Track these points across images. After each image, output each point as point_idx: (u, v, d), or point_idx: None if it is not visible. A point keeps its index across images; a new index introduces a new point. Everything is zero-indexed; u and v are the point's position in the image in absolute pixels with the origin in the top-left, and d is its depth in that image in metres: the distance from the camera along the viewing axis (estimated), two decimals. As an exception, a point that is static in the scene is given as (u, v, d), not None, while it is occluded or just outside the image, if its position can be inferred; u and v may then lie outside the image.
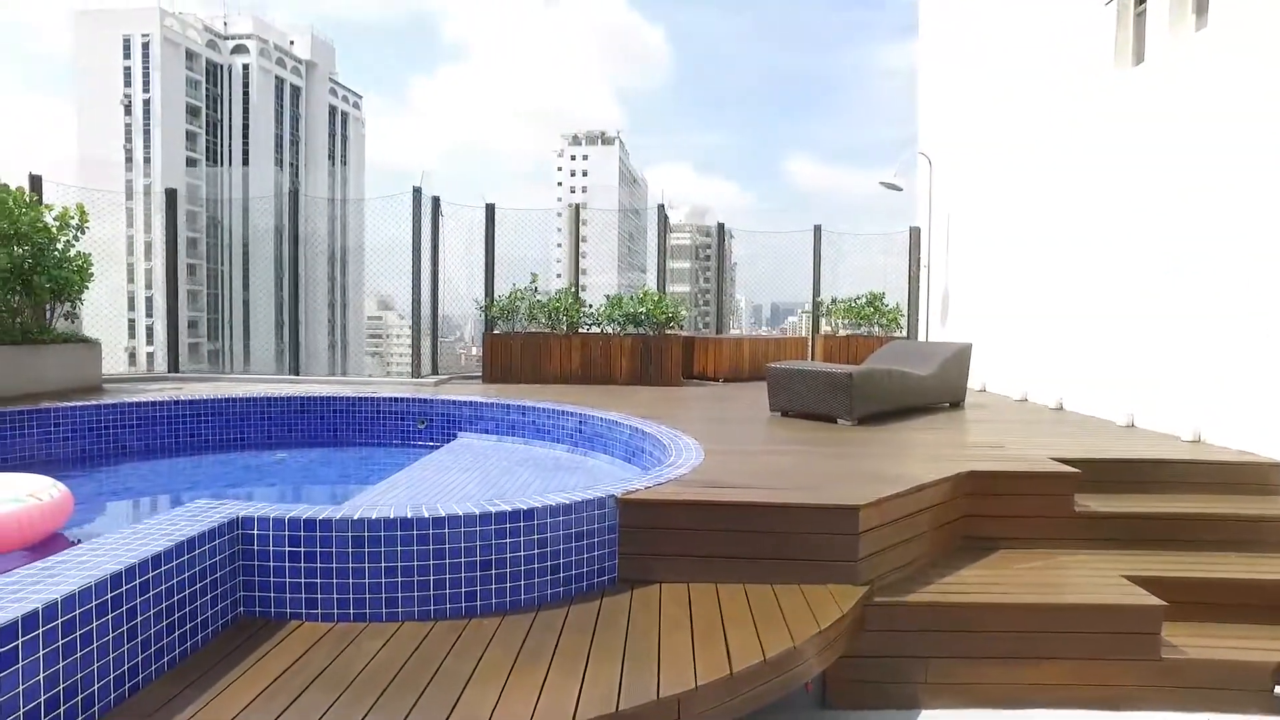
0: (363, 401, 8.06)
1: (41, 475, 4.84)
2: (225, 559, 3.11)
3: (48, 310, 8.48)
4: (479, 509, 3.35)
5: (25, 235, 7.80)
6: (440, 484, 5.61)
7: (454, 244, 11.47)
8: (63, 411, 6.82)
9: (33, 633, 2.21)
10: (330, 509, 3.29)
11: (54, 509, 4.59)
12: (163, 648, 2.74)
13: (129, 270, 55.38)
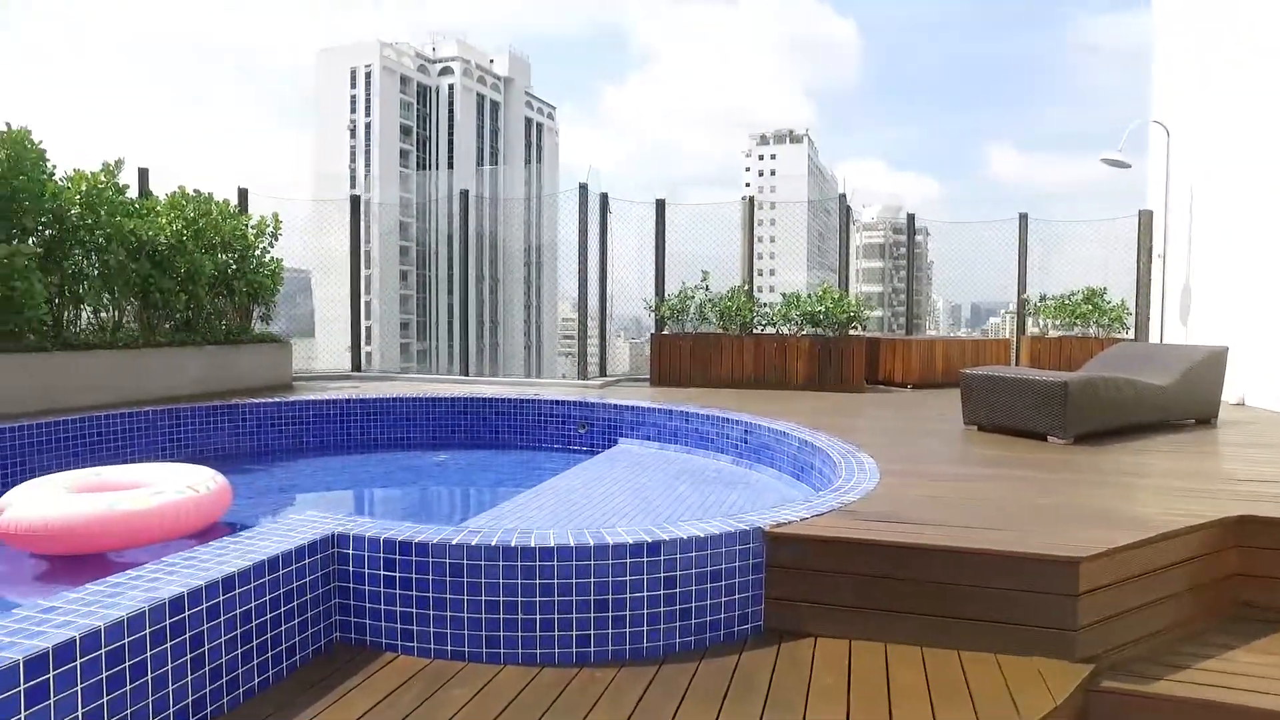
0: (525, 404, 7.91)
1: (203, 467, 4.97)
2: (319, 579, 2.82)
3: (251, 312, 9.09)
4: (595, 539, 2.85)
5: (228, 244, 8.38)
6: (589, 496, 5.22)
7: (626, 243, 11.23)
8: (248, 408, 7.18)
9: (68, 664, 1.97)
10: (430, 530, 2.93)
11: (212, 500, 4.67)
12: (237, 677, 2.47)
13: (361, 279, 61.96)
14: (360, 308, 11.05)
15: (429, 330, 70.79)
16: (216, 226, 8.22)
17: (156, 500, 4.38)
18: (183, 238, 7.78)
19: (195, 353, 8.03)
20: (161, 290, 7.66)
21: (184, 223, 7.87)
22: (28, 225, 6.42)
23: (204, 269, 7.86)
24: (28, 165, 6.37)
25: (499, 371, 10.46)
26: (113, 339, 7.27)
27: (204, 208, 8.11)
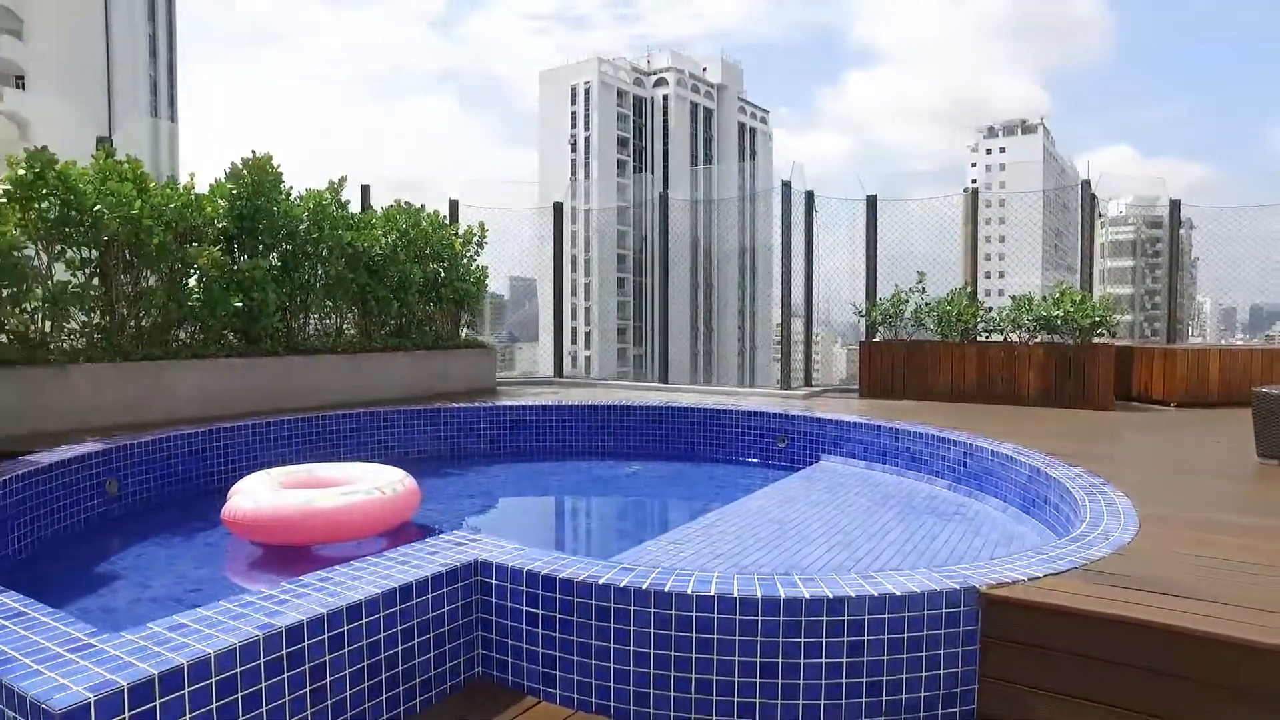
0: (721, 414, 7.52)
1: (395, 469, 5.07)
2: (459, 609, 2.60)
3: (459, 318, 9.50)
4: (765, 589, 2.38)
5: (437, 253, 8.78)
6: (778, 521, 4.72)
7: (836, 244, 10.52)
8: (449, 412, 7.39)
9: (175, 693, 1.84)
10: (576, 565, 2.60)
11: (399, 502, 4.73)
12: (364, 711, 2.29)
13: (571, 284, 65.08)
14: (564, 314, 11.25)
15: (645, 336, 72.70)
16: (426, 237, 8.63)
17: (346, 499, 4.49)
18: (396, 248, 8.23)
19: (406, 357, 8.47)
20: (376, 298, 8.15)
21: (397, 234, 8.34)
22: (267, 241, 7.04)
23: (414, 277, 8.27)
24: (268, 187, 6.98)
25: (714, 379, 10.27)
26: (334, 344, 7.82)
27: (414, 219, 8.55)
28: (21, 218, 5.69)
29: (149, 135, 34.23)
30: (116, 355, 6.11)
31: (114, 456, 5.13)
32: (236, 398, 6.82)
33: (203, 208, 6.59)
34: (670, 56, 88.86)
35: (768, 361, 43.83)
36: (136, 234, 6.06)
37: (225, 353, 6.84)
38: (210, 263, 6.42)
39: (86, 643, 1.97)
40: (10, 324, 5.76)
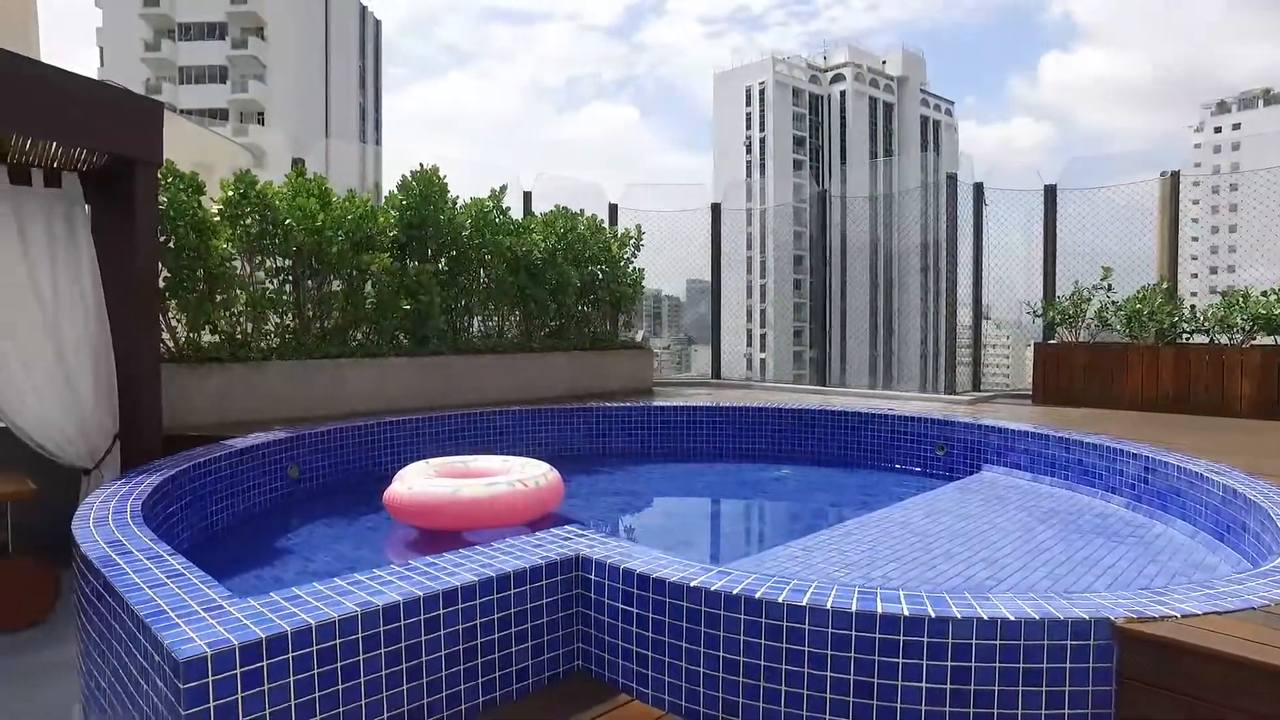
0: (877, 419, 7.19)
1: (540, 462, 5.29)
2: (559, 601, 2.65)
3: (617, 319, 9.72)
4: (857, 603, 2.24)
5: (595, 256, 9.03)
6: (920, 533, 4.44)
7: (1013, 239, 9.76)
8: (601, 411, 7.58)
9: (279, 656, 2.01)
10: (670, 565, 2.57)
11: (541, 494, 4.94)
12: (459, 692, 2.39)
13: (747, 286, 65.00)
14: (720, 316, 11.21)
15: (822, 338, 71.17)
16: (584, 241, 8.90)
17: (488, 490, 4.73)
18: (554, 252, 8.56)
19: (564, 357, 8.77)
20: (535, 300, 8.51)
21: (555, 238, 8.67)
22: (432, 247, 7.56)
23: (571, 280, 8.55)
24: (434, 197, 7.50)
25: (895, 383, 9.87)
26: (495, 344, 8.25)
27: (571, 224, 8.85)
28: (230, 233, 6.46)
29: (358, 158, 37.68)
30: (303, 353, 6.79)
31: (295, 444, 5.70)
32: (405, 394, 7.36)
33: (376, 218, 7.18)
34: (847, 52, 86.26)
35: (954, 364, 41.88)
36: (319, 244, 6.72)
37: (395, 352, 7.41)
38: (381, 269, 6.98)
39: (219, 604, 2.19)
40: (221, 326, 6.55)
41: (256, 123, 53.63)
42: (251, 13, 52.62)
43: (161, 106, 5.30)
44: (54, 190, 5.30)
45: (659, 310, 18.34)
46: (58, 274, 5.21)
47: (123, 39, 52.29)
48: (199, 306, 6.20)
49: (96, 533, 2.95)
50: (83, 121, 4.79)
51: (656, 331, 17.37)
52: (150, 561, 2.59)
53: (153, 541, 2.84)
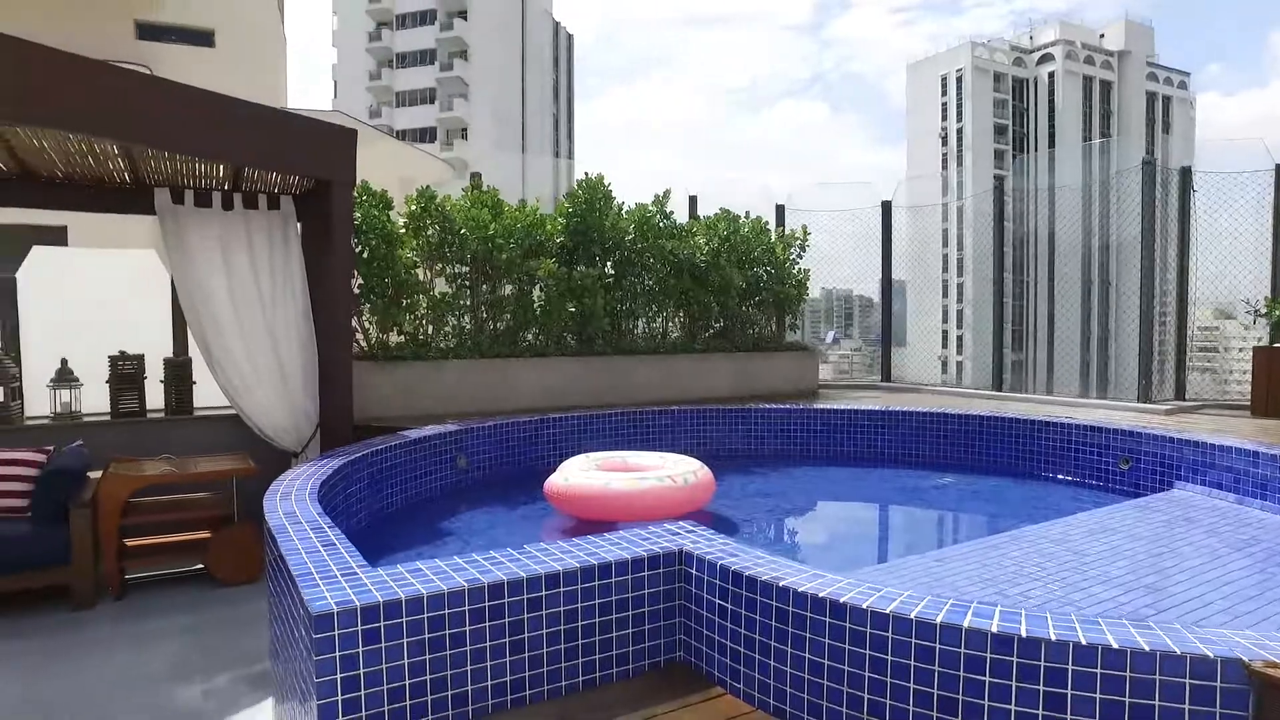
0: (1053, 428, 6.68)
1: (692, 459, 5.44)
2: (661, 593, 2.76)
3: (782, 321, 9.66)
4: (944, 615, 2.16)
5: (758, 258, 9.04)
6: (1078, 552, 4.10)
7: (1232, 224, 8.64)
8: (759, 412, 7.59)
9: (394, 619, 2.28)
10: (767, 565, 2.60)
11: (689, 491, 5.10)
12: (560, 670, 2.56)
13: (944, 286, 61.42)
14: (890, 317, 10.79)
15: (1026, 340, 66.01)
16: (747, 242, 8.94)
17: (638, 484, 4.94)
18: (717, 254, 8.66)
19: (726, 359, 8.85)
20: (698, 302, 8.65)
21: (719, 240, 8.77)
22: (595, 252, 7.92)
23: (733, 282, 8.61)
24: (598, 204, 7.86)
25: (1109, 390, 9.12)
26: (659, 345, 8.48)
27: (733, 226, 8.91)
28: (414, 242, 7.14)
29: (550, 171, 39.81)
30: (476, 353, 7.36)
31: (465, 437, 6.21)
32: (571, 392, 7.77)
33: (544, 226, 7.64)
34: (1057, 28, 79.12)
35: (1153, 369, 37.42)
36: (490, 251, 7.25)
37: (561, 352, 7.84)
38: (547, 273, 7.42)
39: (355, 571, 2.51)
40: (405, 327, 7.25)
41: (461, 138, 57.96)
42: (457, 37, 57.06)
43: (354, 134, 5.97)
44: (274, 211, 6.13)
45: (849, 310, 17.79)
46: (276, 283, 6.03)
47: (352, 71, 58.57)
48: (386, 310, 6.91)
49: (280, 506, 3.44)
50: (296, 153, 5.52)
51: (848, 333, 16.90)
52: (313, 533, 2.99)
53: (318, 515, 3.27)
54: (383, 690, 2.26)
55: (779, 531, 5.57)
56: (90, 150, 5.22)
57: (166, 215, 5.79)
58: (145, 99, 4.88)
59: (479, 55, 57.35)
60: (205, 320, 5.81)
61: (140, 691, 3.63)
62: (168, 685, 3.66)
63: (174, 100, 5.07)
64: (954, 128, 79.28)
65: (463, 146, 57.32)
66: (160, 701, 3.51)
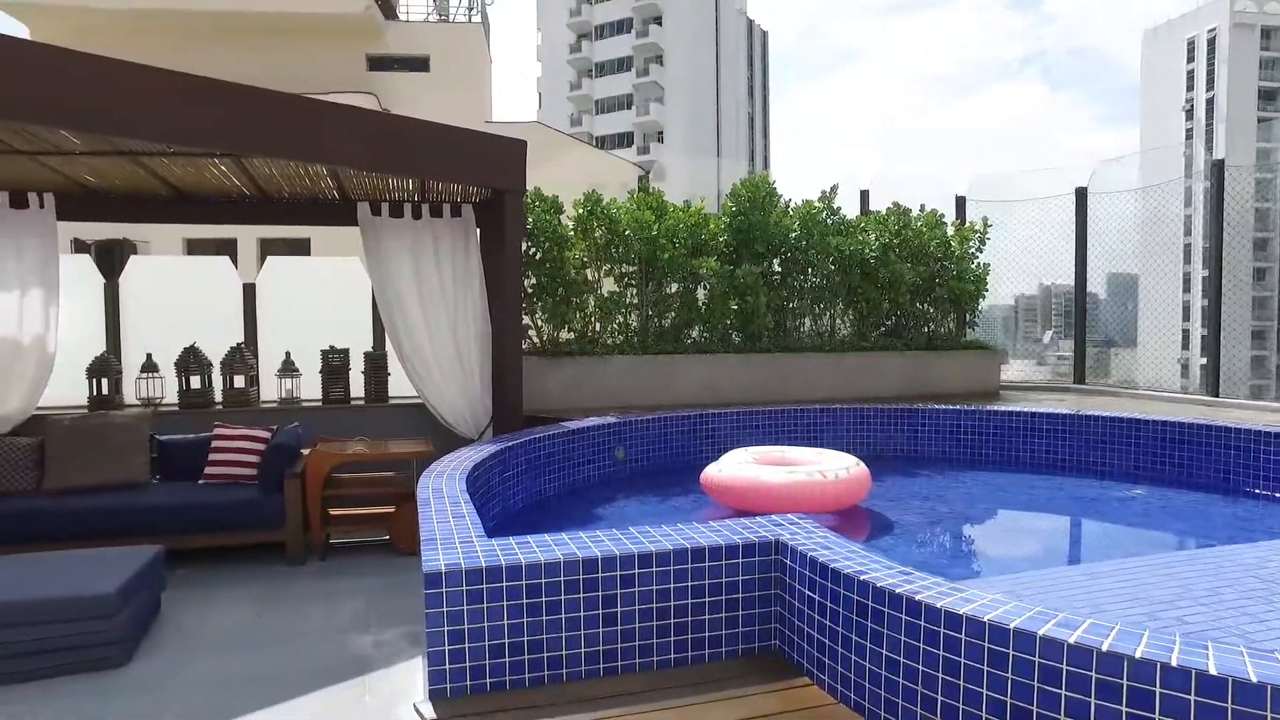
0: (1275, 438, 5.86)
1: (846, 455, 5.42)
2: (755, 581, 2.83)
3: (959, 319, 9.15)
4: (1021, 620, 2.06)
5: (934, 253, 8.63)
6: (1270, 580, 3.62)
7: None
8: (927, 413, 7.27)
9: (495, 583, 2.53)
10: (853, 559, 2.59)
11: (841, 486, 5.10)
12: (651, 645, 2.71)
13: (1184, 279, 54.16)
14: (1085, 315, 9.83)
15: (1277, 339, 57.18)
16: (920, 236, 8.56)
17: (787, 478, 5.01)
18: (887, 250, 8.38)
19: (897, 357, 8.53)
20: (867, 299, 8.42)
21: (890, 235, 8.47)
22: (758, 250, 7.94)
23: (904, 278, 8.29)
24: (761, 203, 7.88)
25: None
26: (824, 344, 8.35)
27: (904, 220, 8.55)
28: (583, 244, 7.56)
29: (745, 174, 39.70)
30: (641, 350, 7.66)
31: (623, 429, 6.51)
32: (733, 389, 7.87)
33: (708, 225, 7.79)
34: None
35: None
36: (654, 251, 7.51)
37: (725, 349, 7.95)
38: (710, 272, 7.56)
39: (471, 540, 2.81)
40: (575, 325, 7.69)
41: (657, 141, 59.42)
42: (653, 43, 58.61)
43: (524, 145, 6.44)
44: (456, 219, 6.76)
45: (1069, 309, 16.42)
46: (458, 284, 6.66)
47: (555, 83, 61.94)
48: (555, 309, 7.38)
49: (430, 483, 3.87)
50: (472, 166, 6.08)
51: (1064, 333, 15.61)
52: (449, 506, 3.36)
53: (460, 492, 3.64)
54: (484, 646, 2.53)
55: (928, 534, 5.35)
56: (305, 173, 6.07)
57: (366, 226, 6.57)
58: (341, 126, 5.60)
59: (674, 59, 58.55)
60: (397, 318, 6.54)
61: (328, 636, 4.27)
62: (349, 634, 4.25)
63: (367, 126, 5.77)
64: (1202, 97, 69.93)
65: (659, 150, 58.77)
66: (341, 647, 4.08)
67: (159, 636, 4.43)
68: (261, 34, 24.47)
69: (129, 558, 4.44)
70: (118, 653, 4.02)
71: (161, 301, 7.10)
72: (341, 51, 25.03)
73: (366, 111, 5.75)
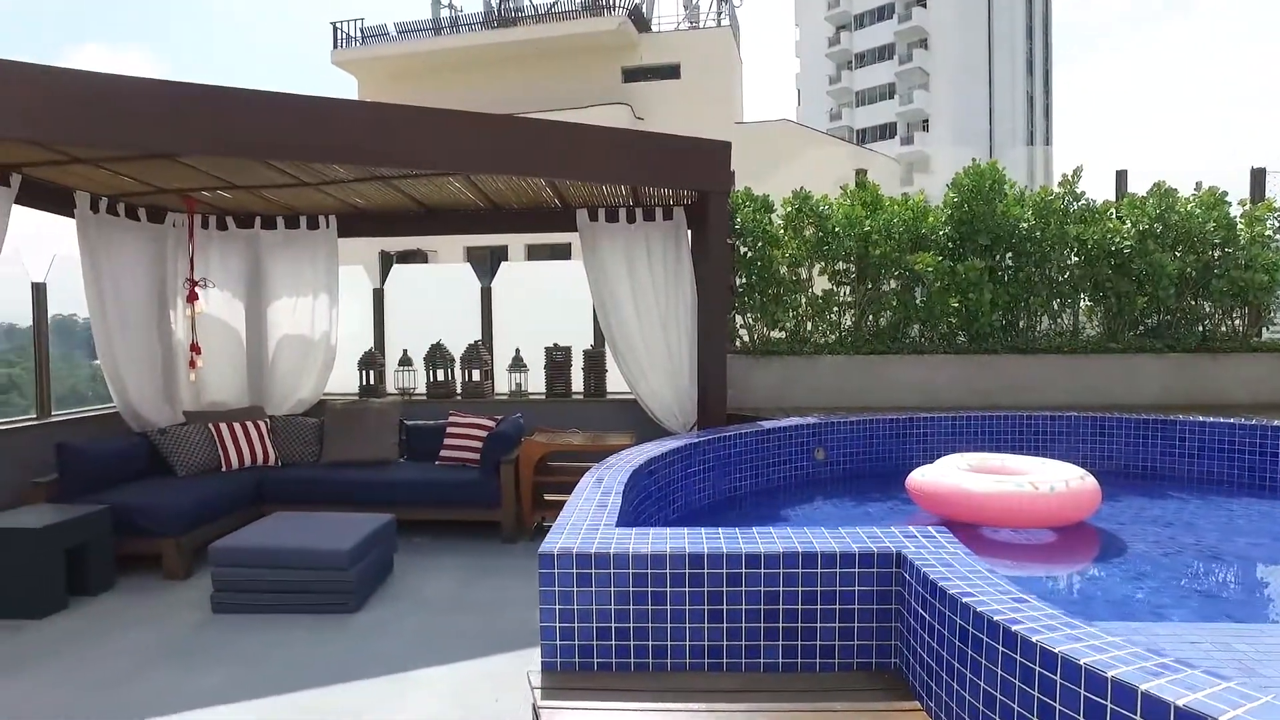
0: None
1: (1072, 467, 4.95)
2: (875, 594, 2.70)
3: (1242, 316, 7.72)
4: (1124, 672, 1.79)
5: (1207, 238, 7.36)
6: None
7: None
8: (1188, 425, 6.27)
9: (603, 569, 2.69)
10: (958, 580, 2.38)
11: (1057, 500, 4.69)
12: (758, 647, 2.70)
13: None
14: None
15: None
16: (1193, 220, 7.34)
17: (993, 488, 4.68)
18: (1144, 238, 7.30)
19: (1155, 360, 7.42)
20: (1119, 294, 7.41)
21: (1149, 220, 7.36)
22: (980, 243, 7.31)
23: (1165, 268, 7.17)
24: (985, 192, 7.25)
25: None
26: (1062, 344, 7.48)
27: (1167, 202, 7.35)
28: (794, 242, 7.49)
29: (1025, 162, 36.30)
30: (852, 350, 7.42)
31: (824, 430, 6.37)
32: (950, 391, 7.35)
33: (927, 218, 7.33)
34: None
35: None
36: (866, 248, 7.23)
37: (945, 350, 7.45)
38: (925, 267, 7.12)
39: (596, 527, 2.99)
40: (787, 324, 7.64)
41: (922, 129, 56.22)
42: (916, 27, 55.38)
43: (728, 147, 6.55)
44: (668, 222, 7.05)
45: None
46: (669, 284, 6.94)
47: (814, 77, 60.87)
48: (763, 307, 7.39)
49: (592, 474, 4.13)
50: (679, 171, 6.32)
51: None
52: (600, 495, 3.58)
53: (618, 484, 3.85)
54: (592, 627, 2.70)
55: (1157, 565, 4.62)
56: (526, 185, 6.68)
57: (585, 231, 7.07)
58: (559, 141, 6.08)
59: (940, 41, 54.90)
60: (611, 317, 6.96)
61: (520, 608, 4.79)
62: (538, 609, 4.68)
63: (583, 139, 6.20)
64: None
65: (923, 139, 55.60)
66: (528, 619, 4.50)
67: (387, 592, 5.18)
68: (528, 58, 26.94)
69: (365, 523, 5.23)
70: (351, 600, 4.77)
71: (415, 304, 8.18)
72: (599, 67, 26.76)
73: (573, 125, 6.18)
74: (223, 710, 3.58)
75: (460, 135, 5.91)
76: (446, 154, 5.81)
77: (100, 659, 4.16)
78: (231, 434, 6.58)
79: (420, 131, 5.80)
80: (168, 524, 5.41)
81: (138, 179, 6.17)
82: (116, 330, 6.47)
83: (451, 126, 5.98)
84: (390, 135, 5.62)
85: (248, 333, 7.53)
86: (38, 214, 6.13)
